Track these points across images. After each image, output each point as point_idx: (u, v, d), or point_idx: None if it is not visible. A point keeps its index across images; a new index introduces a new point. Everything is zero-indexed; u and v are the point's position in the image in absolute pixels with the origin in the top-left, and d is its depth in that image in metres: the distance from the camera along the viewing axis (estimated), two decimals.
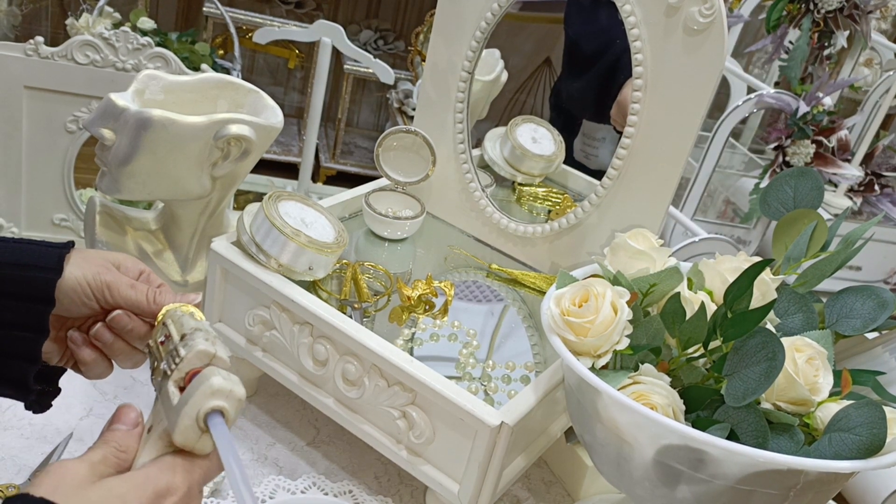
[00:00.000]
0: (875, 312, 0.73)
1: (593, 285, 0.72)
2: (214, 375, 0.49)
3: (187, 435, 0.49)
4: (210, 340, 0.52)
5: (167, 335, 0.55)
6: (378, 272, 1.02)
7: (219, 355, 0.52)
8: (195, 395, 0.49)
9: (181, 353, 0.52)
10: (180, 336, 0.53)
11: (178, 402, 0.50)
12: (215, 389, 0.49)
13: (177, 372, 0.51)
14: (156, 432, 0.51)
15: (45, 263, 0.59)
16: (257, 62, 3.11)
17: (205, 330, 0.54)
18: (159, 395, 0.53)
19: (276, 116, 0.92)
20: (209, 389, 0.49)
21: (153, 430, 0.51)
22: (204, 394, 0.49)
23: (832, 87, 1.70)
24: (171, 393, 0.51)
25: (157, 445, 0.51)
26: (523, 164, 1.20)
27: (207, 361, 0.52)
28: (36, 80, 1.06)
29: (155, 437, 0.51)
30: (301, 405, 1.01)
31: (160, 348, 0.55)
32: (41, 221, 1.16)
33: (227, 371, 0.51)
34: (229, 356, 0.53)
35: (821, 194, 0.81)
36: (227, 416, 0.49)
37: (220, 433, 0.49)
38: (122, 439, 0.51)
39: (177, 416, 0.49)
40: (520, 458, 0.85)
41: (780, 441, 0.66)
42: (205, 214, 0.97)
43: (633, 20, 0.92)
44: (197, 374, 0.50)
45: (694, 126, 0.91)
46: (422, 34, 2.26)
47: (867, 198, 2.12)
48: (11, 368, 0.60)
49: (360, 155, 3.08)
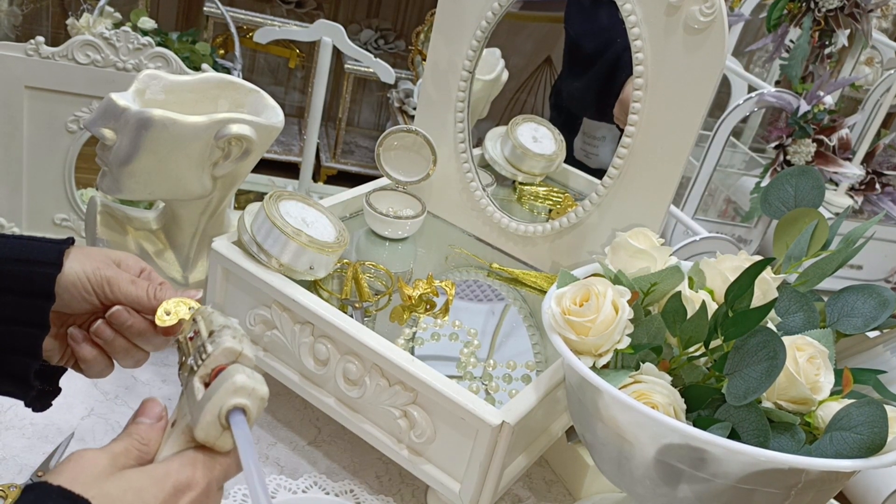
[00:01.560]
0: (876, 311, 0.73)
1: (594, 284, 0.72)
2: (239, 373, 0.50)
3: (209, 431, 0.49)
4: (237, 338, 0.52)
5: (196, 331, 0.55)
6: (379, 272, 1.02)
7: (245, 353, 0.52)
8: (219, 391, 0.49)
9: (208, 350, 0.52)
10: (209, 333, 0.54)
11: (202, 398, 0.50)
12: (238, 387, 0.49)
13: (203, 368, 0.51)
14: (179, 427, 0.51)
15: (45, 259, 0.60)
16: (258, 62, 3.11)
17: (233, 328, 0.54)
18: (185, 390, 0.53)
19: (277, 116, 0.92)
20: (232, 387, 0.49)
21: (177, 425, 0.52)
22: (227, 391, 0.49)
23: (833, 85, 1.70)
24: (195, 388, 0.51)
25: (179, 440, 0.51)
26: (524, 163, 1.20)
27: (234, 359, 0.52)
28: (37, 80, 1.06)
29: (178, 431, 0.51)
30: (302, 405, 1.01)
31: (189, 344, 0.55)
32: (42, 221, 1.16)
33: (251, 369, 0.51)
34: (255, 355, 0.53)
35: (822, 193, 0.81)
36: (249, 415, 0.49)
37: (241, 431, 0.49)
38: (145, 432, 0.51)
39: (199, 412, 0.49)
40: (521, 458, 0.85)
41: (782, 440, 0.66)
42: (206, 214, 0.97)
43: (634, 19, 0.92)
44: (222, 370, 0.51)
45: (695, 125, 0.91)
46: (422, 33, 2.26)
47: (868, 197, 2.12)
48: (12, 364, 0.60)
49: (360, 154, 3.08)
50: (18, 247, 0.60)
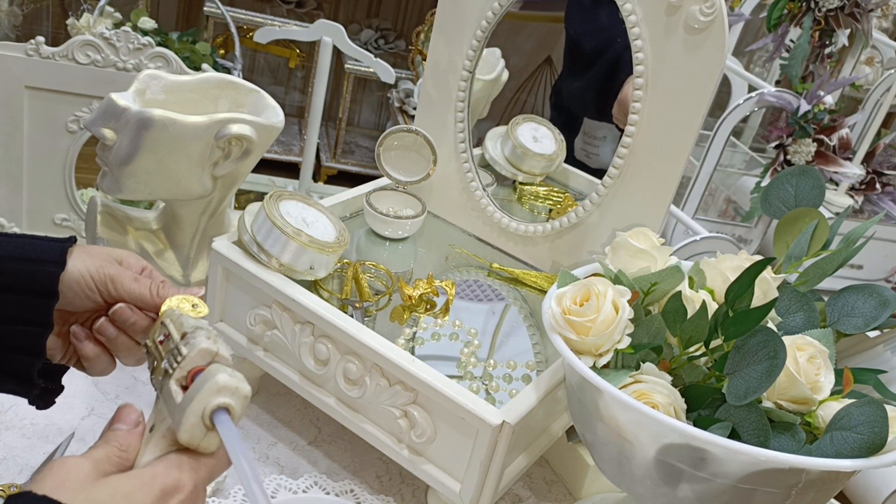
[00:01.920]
0: (876, 311, 0.73)
1: (594, 284, 0.72)
2: (220, 372, 0.49)
3: (193, 433, 0.49)
4: (212, 339, 0.52)
5: (166, 334, 0.54)
6: (379, 271, 1.02)
7: (221, 353, 0.52)
8: (200, 392, 0.48)
9: (183, 352, 0.51)
10: (181, 335, 0.53)
11: (182, 401, 0.49)
12: (221, 386, 0.48)
13: (179, 370, 0.51)
14: (158, 431, 0.51)
15: (48, 257, 0.60)
16: (258, 62, 3.11)
17: (205, 329, 0.53)
18: (160, 394, 0.52)
19: (277, 116, 0.92)
20: (215, 386, 0.48)
21: (155, 430, 0.51)
22: (209, 391, 0.48)
23: (833, 85, 1.70)
24: (173, 391, 0.50)
25: (160, 444, 0.50)
26: (524, 163, 1.20)
27: (210, 359, 0.51)
28: (37, 80, 1.06)
29: (158, 436, 0.51)
30: (302, 404, 1.01)
31: (159, 347, 0.55)
32: (42, 221, 1.16)
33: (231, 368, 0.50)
34: (231, 354, 0.53)
35: (822, 193, 0.81)
36: (233, 413, 0.49)
37: (228, 430, 0.48)
38: (123, 438, 0.51)
39: (181, 415, 0.49)
40: (521, 457, 0.85)
41: (782, 440, 0.66)
42: (206, 214, 0.97)
43: (634, 19, 0.92)
44: (199, 372, 0.50)
45: (695, 125, 0.91)
46: (422, 33, 2.26)
47: (868, 196, 2.12)
48: (16, 363, 0.60)
49: (360, 154, 3.08)
50: (21, 245, 0.60)
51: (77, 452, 0.85)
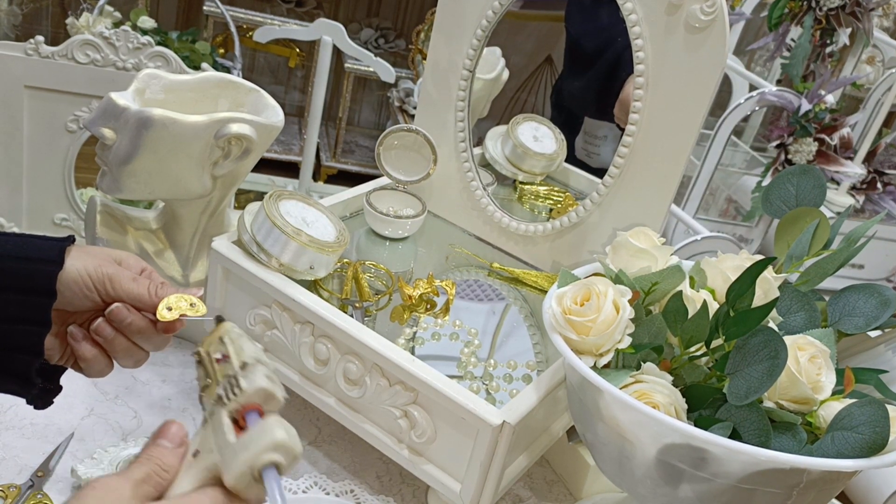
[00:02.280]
0: (878, 311, 0.73)
1: (595, 284, 0.72)
2: (278, 427, 0.47)
3: (239, 480, 0.47)
4: (270, 378, 0.50)
5: (225, 355, 0.52)
6: (379, 271, 1.02)
7: (277, 396, 0.50)
8: (256, 444, 0.47)
9: (242, 385, 0.50)
10: (241, 364, 0.51)
11: (235, 444, 0.48)
12: (278, 443, 0.47)
13: (233, 403, 0.49)
14: (202, 462, 0.49)
15: (47, 256, 0.60)
16: (258, 61, 3.11)
17: (264, 363, 0.51)
18: (210, 420, 0.51)
19: (277, 115, 0.92)
20: (272, 443, 0.47)
21: (199, 458, 0.50)
22: (266, 446, 0.47)
23: (834, 84, 1.70)
24: (224, 425, 0.49)
25: (201, 475, 0.49)
26: (525, 162, 1.20)
27: (265, 400, 0.50)
28: (36, 79, 1.06)
29: (201, 466, 0.49)
30: (302, 404, 1.01)
31: (215, 366, 0.52)
32: (42, 221, 1.16)
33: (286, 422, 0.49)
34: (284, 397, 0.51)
35: (823, 192, 0.81)
36: (282, 471, 0.48)
37: (275, 487, 0.47)
38: (166, 458, 0.50)
39: (233, 460, 0.47)
40: (521, 457, 0.85)
41: (783, 440, 0.66)
42: (206, 214, 0.97)
43: (635, 18, 0.92)
44: (253, 409, 0.49)
45: (696, 124, 0.91)
46: (423, 32, 2.26)
47: (869, 196, 2.12)
48: (14, 362, 0.60)
49: (360, 154, 3.08)
50: (19, 244, 0.60)
51: (77, 453, 0.86)
